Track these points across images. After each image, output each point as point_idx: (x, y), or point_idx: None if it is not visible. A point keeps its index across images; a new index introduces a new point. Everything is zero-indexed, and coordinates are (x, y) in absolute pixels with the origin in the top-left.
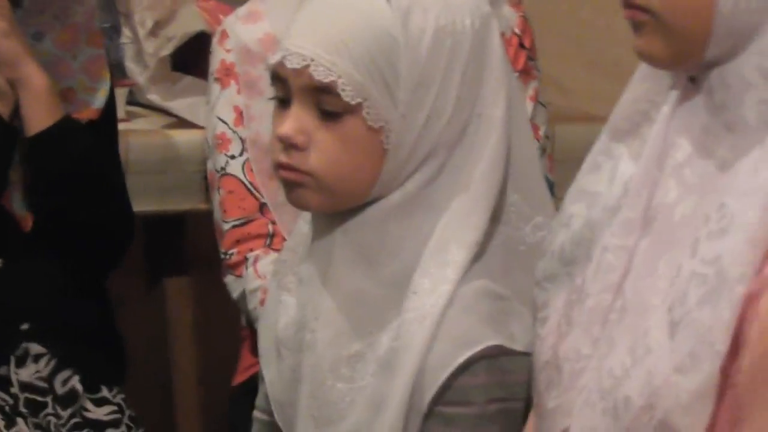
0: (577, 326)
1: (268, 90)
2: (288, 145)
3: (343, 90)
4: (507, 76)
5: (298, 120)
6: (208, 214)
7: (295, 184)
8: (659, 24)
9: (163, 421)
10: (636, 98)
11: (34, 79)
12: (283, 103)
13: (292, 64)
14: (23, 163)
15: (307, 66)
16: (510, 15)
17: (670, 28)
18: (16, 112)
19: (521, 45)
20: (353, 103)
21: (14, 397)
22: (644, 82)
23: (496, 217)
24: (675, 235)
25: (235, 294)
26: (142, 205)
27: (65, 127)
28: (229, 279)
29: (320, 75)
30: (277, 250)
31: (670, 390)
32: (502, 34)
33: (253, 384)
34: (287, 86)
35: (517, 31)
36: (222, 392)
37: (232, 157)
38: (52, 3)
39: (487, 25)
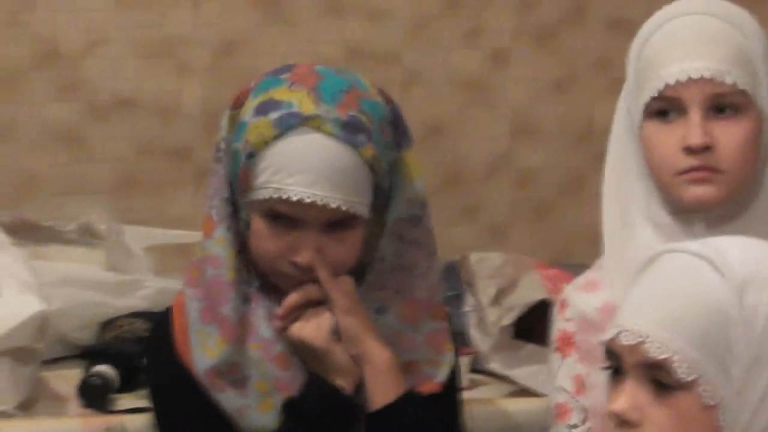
0: None
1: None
2: (621, 421)
3: (678, 366)
4: None
5: (632, 396)
6: None
7: None
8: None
9: None
10: None
11: (377, 354)
12: (617, 375)
13: (627, 340)
14: None
15: (642, 342)
16: None
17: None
18: (359, 387)
19: None
20: (688, 379)
21: None
22: None
23: None
24: None
25: None
26: None
27: (407, 402)
28: None
29: (654, 352)
30: None
31: None
32: None
33: None
34: (621, 361)
35: None
36: None
37: (574, 426)
38: (393, 278)
39: None
